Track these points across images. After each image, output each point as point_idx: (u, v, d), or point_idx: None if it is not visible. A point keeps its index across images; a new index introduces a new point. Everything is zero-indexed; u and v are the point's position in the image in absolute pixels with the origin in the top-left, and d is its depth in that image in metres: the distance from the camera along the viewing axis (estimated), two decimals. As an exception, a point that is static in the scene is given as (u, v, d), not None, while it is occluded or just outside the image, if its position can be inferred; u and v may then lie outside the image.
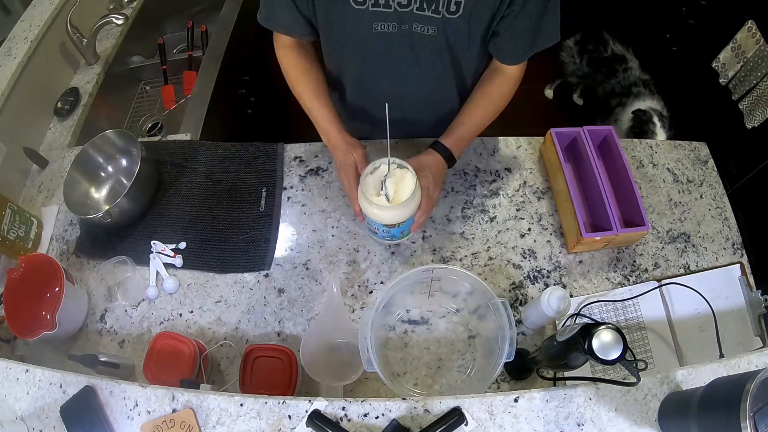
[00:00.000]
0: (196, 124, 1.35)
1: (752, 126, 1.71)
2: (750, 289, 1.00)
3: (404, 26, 0.86)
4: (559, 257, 1.05)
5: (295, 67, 1.01)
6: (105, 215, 1.05)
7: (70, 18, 1.40)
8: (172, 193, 1.17)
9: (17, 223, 1.08)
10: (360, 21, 0.86)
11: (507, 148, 1.20)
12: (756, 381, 0.55)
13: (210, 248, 1.09)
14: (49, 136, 1.38)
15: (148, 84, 1.72)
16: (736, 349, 0.94)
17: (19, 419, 0.79)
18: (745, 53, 1.70)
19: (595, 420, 0.72)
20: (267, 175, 1.18)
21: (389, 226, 0.93)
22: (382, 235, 0.99)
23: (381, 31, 0.87)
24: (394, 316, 0.99)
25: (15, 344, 1.04)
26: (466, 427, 0.71)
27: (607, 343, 0.63)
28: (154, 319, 1.03)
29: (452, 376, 0.94)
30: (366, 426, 0.72)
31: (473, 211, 1.11)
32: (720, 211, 1.11)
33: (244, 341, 0.99)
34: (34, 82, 1.34)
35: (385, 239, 1.03)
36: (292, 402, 0.74)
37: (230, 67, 1.56)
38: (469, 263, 1.05)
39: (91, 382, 0.79)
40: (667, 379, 0.74)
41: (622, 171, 1.04)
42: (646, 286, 1.00)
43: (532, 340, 0.97)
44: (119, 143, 1.19)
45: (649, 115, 1.81)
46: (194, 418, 0.74)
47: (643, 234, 1.00)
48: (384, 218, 0.91)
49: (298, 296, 1.03)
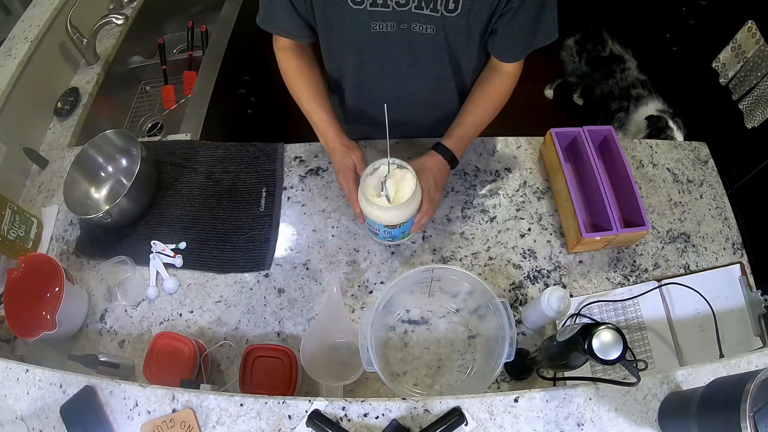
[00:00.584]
0: (196, 124, 1.35)
1: (752, 126, 1.71)
2: (750, 289, 1.00)
3: (402, 25, 0.86)
4: (559, 257, 1.05)
5: (294, 69, 1.01)
6: (105, 215, 1.05)
7: (70, 18, 1.40)
8: (172, 193, 1.17)
9: (17, 223, 1.08)
10: (358, 21, 0.86)
11: (507, 148, 1.20)
12: (756, 381, 0.55)
13: (210, 248, 1.09)
14: (49, 136, 1.39)
15: (148, 84, 1.72)
16: (736, 349, 0.94)
17: (19, 419, 0.79)
18: (745, 53, 1.70)
19: (595, 420, 0.72)
20: (267, 175, 1.18)
21: (390, 227, 0.93)
22: (383, 236, 1.00)
23: (379, 31, 0.87)
24: (394, 316, 0.99)
25: (15, 344, 1.04)
26: (466, 427, 0.71)
27: (607, 343, 0.63)
28: (154, 319, 1.03)
29: (452, 376, 0.94)
30: (366, 426, 0.72)
31: (473, 211, 1.11)
32: (720, 211, 1.11)
33: (244, 341, 0.99)
34: (34, 82, 1.34)
35: (386, 240, 1.03)
36: (292, 402, 0.74)
37: (230, 67, 1.56)
38: (469, 263, 1.05)
39: (91, 382, 0.79)
40: (667, 379, 0.74)
41: (622, 171, 1.04)
42: (646, 286, 1.00)
43: (532, 340, 0.97)
44: (119, 143, 1.19)
45: (664, 121, 1.80)
46: (194, 418, 0.74)
47: (643, 234, 1.00)
48: (384, 219, 0.91)
49: (298, 296, 1.03)
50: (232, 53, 1.57)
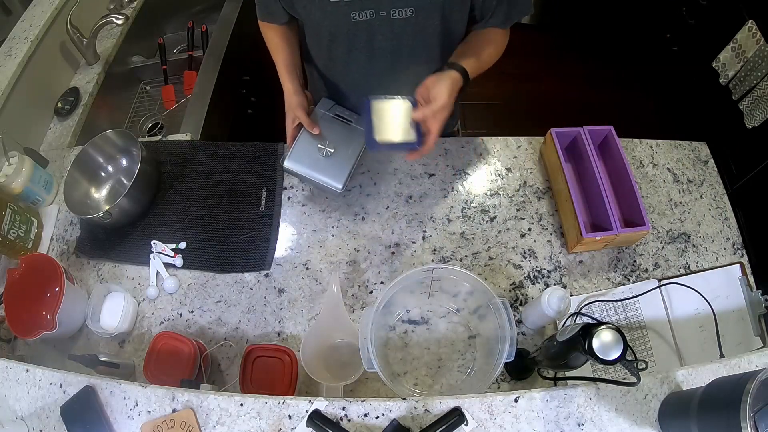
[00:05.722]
0: (196, 124, 1.35)
1: (752, 126, 1.70)
2: (750, 289, 1.00)
3: (382, 12, 0.87)
4: (560, 257, 1.05)
5: (276, 34, 1.05)
6: (105, 215, 1.05)
7: (70, 18, 1.40)
8: (172, 193, 1.17)
9: (17, 223, 1.08)
10: (338, 14, 0.88)
11: (507, 148, 1.20)
12: (756, 381, 0.55)
13: (210, 248, 1.09)
14: (49, 136, 1.39)
15: (149, 84, 1.72)
16: (737, 349, 0.95)
17: (19, 419, 0.79)
18: (745, 53, 1.70)
19: (595, 420, 0.72)
20: (267, 175, 1.18)
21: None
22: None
23: (361, 20, 0.88)
24: (394, 316, 0.99)
25: (15, 344, 1.04)
26: (467, 427, 0.71)
27: (608, 343, 0.63)
28: (154, 319, 1.03)
29: (452, 376, 0.94)
30: (366, 426, 0.72)
31: (473, 211, 1.11)
32: (720, 211, 1.11)
33: (244, 341, 0.99)
34: (34, 82, 1.34)
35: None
36: (292, 402, 0.74)
37: (230, 67, 1.56)
38: (469, 263, 1.05)
39: (91, 382, 0.79)
40: (667, 379, 0.74)
41: (622, 171, 1.04)
42: (646, 286, 1.00)
43: (532, 340, 0.97)
44: (119, 143, 1.19)
45: None
46: (194, 418, 0.74)
47: (643, 234, 1.00)
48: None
49: (298, 296, 1.03)
50: (232, 53, 1.56)
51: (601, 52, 2.64)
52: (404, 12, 0.87)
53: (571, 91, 2.57)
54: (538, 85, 2.60)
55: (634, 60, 2.53)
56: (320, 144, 1.02)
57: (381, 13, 0.87)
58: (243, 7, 1.67)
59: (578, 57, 2.68)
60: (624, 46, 2.56)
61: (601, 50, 2.64)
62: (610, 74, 2.60)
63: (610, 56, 2.61)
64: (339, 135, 1.04)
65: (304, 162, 1.02)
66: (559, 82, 2.61)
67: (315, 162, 1.02)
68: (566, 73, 2.64)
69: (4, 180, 1.10)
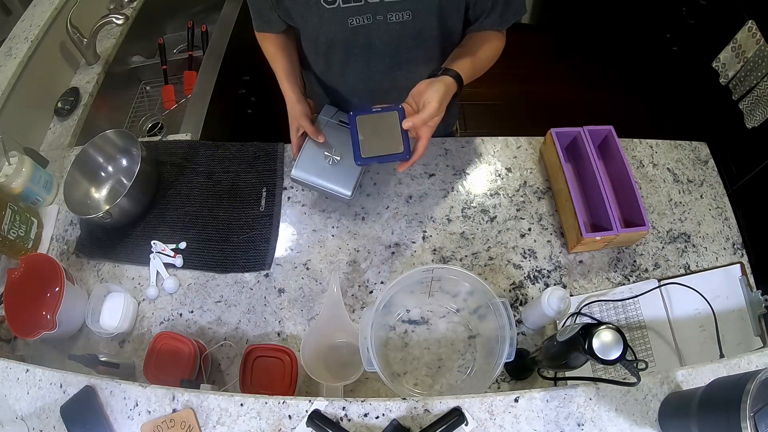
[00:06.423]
0: (196, 124, 1.35)
1: (752, 126, 1.71)
2: (750, 289, 1.00)
3: (378, 17, 0.87)
4: (560, 257, 1.05)
5: (273, 43, 1.05)
6: (105, 215, 1.05)
7: (70, 18, 1.40)
8: (172, 193, 1.17)
9: (17, 223, 1.08)
10: (336, 20, 0.88)
11: (507, 148, 1.20)
12: (756, 381, 0.55)
13: (210, 248, 1.09)
14: (49, 136, 1.39)
15: (149, 84, 1.72)
16: (737, 349, 0.94)
17: (19, 419, 0.79)
18: (745, 53, 1.70)
19: (595, 420, 0.72)
20: (267, 175, 1.18)
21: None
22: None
23: (358, 25, 0.88)
24: (394, 316, 0.99)
25: (15, 344, 1.04)
26: (467, 427, 0.71)
27: (608, 343, 0.63)
28: (154, 319, 1.03)
29: (452, 376, 0.94)
30: (366, 426, 0.72)
31: (473, 211, 1.11)
32: (720, 211, 1.11)
33: (244, 341, 0.99)
34: (34, 82, 1.34)
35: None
36: (292, 402, 0.74)
37: (230, 67, 1.56)
38: (469, 263, 1.05)
39: (91, 382, 0.79)
40: (667, 379, 0.74)
41: (622, 171, 1.04)
42: (646, 286, 1.00)
43: (532, 340, 0.97)
44: (119, 143, 1.19)
45: None
46: (194, 418, 0.74)
47: (643, 234, 1.00)
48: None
49: (298, 296, 1.03)
50: (232, 53, 1.57)
51: (601, 53, 2.64)
52: (401, 15, 0.87)
53: (571, 91, 2.57)
54: (538, 85, 2.60)
55: (634, 60, 2.53)
56: (326, 152, 1.02)
57: (378, 18, 0.87)
58: (243, 7, 1.67)
59: (578, 57, 2.68)
60: (624, 46, 2.56)
61: (601, 50, 2.64)
62: (610, 74, 2.60)
63: (610, 56, 2.62)
64: (344, 142, 1.03)
65: (311, 171, 1.02)
66: (559, 82, 2.61)
67: (322, 170, 1.02)
68: (566, 74, 2.64)
69: (4, 180, 1.10)
